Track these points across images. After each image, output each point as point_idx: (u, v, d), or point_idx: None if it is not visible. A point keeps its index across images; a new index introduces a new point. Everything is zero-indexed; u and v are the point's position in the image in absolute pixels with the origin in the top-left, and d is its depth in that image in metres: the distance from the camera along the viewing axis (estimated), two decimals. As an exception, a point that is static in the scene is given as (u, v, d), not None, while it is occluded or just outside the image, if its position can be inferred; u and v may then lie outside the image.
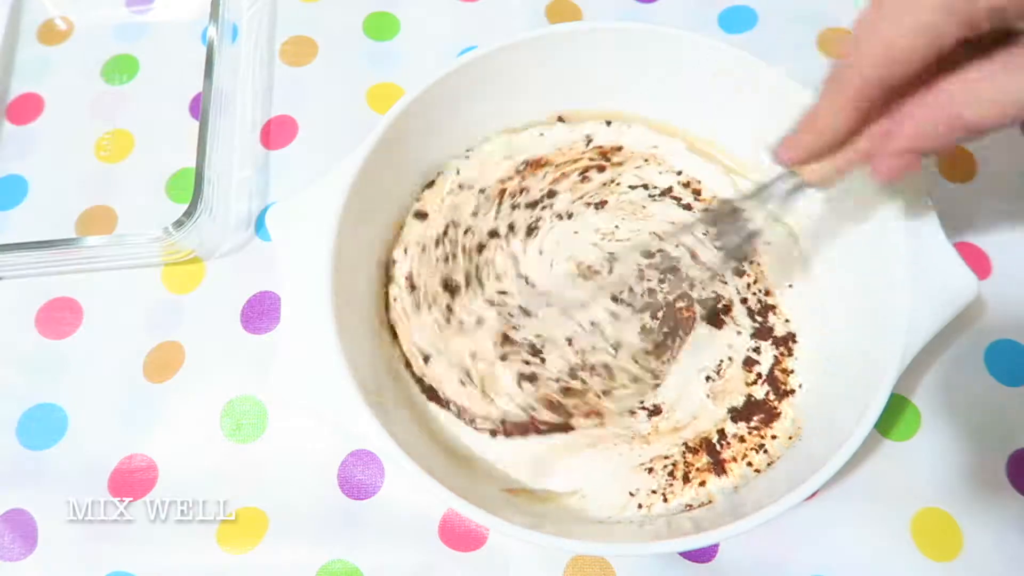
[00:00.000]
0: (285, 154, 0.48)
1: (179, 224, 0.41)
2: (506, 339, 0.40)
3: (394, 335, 0.41)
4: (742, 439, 0.39)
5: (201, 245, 0.44)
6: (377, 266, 0.42)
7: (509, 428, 0.39)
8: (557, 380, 0.39)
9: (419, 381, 0.40)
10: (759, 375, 0.40)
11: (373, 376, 0.37)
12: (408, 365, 0.40)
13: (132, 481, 0.40)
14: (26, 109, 0.50)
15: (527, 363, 0.40)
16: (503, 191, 0.44)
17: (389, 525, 0.39)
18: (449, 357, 0.40)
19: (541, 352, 0.40)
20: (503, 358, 0.40)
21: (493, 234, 0.43)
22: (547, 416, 0.39)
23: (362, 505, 0.39)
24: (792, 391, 0.40)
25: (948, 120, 0.27)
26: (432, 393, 0.40)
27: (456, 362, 0.40)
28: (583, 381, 0.40)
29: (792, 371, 0.40)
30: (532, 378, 0.40)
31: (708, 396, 0.40)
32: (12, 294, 0.45)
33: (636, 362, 0.40)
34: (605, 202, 0.44)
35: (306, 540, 0.38)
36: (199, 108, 0.44)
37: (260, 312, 0.43)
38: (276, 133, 0.48)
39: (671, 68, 0.42)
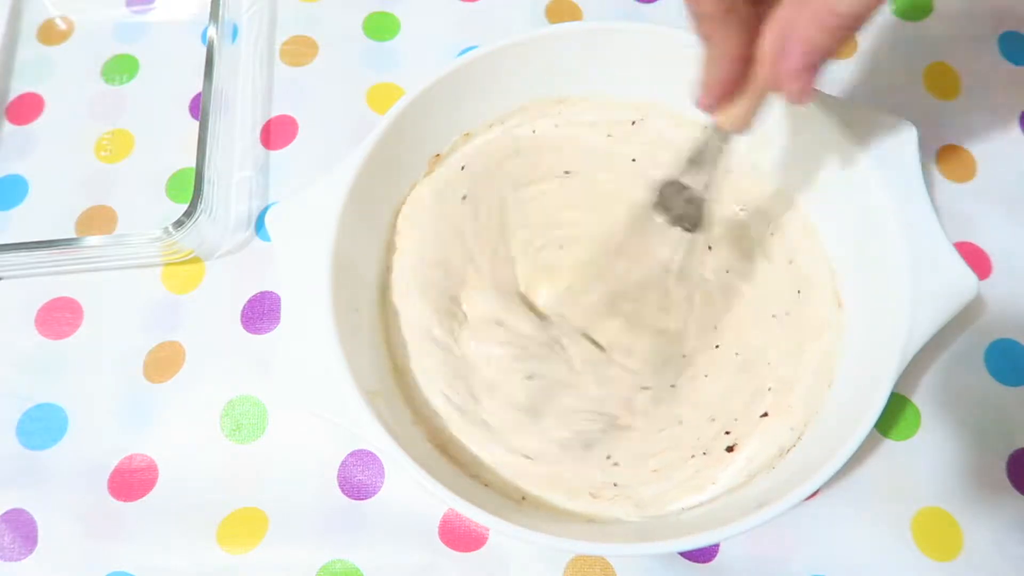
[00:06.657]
0: (285, 154, 0.48)
1: (179, 224, 0.41)
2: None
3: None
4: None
5: (201, 245, 0.44)
6: (377, 265, 0.42)
7: None
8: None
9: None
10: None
11: (373, 376, 0.37)
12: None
13: (132, 481, 0.40)
14: (26, 109, 0.50)
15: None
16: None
17: (389, 525, 0.39)
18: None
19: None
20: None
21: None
22: None
23: (362, 505, 0.39)
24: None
25: (824, 20, 0.27)
26: None
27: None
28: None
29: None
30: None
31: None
32: (12, 294, 0.45)
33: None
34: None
35: (306, 540, 0.38)
36: (199, 108, 0.44)
37: (260, 312, 0.43)
38: (276, 133, 0.48)
39: (672, 68, 0.42)
